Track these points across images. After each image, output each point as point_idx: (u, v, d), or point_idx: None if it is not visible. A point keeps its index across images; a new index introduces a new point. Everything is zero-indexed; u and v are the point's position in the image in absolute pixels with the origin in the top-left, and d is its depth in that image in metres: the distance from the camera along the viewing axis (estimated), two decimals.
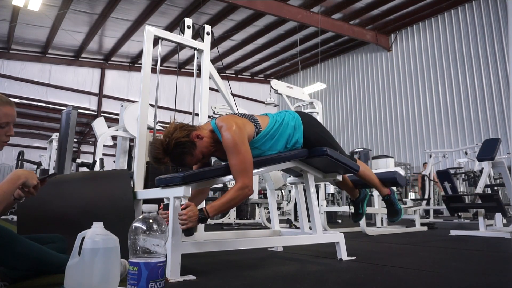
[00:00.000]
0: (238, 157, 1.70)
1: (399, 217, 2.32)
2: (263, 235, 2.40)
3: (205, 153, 1.81)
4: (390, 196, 2.35)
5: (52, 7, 9.76)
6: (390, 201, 2.36)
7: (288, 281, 1.56)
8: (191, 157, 1.76)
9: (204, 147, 1.80)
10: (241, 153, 1.70)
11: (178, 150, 1.72)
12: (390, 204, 2.36)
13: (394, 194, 2.38)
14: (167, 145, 1.70)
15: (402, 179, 2.38)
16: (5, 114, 1.35)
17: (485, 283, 1.54)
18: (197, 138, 1.77)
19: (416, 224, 4.92)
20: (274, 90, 4.49)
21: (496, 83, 10.18)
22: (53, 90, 12.67)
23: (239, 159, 1.70)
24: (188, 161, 1.77)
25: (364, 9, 11.28)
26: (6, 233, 1.31)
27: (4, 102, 1.37)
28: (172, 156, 1.73)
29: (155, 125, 2.55)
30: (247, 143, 1.76)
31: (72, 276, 1.17)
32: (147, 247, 1.26)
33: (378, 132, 12.89)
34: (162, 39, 2.53)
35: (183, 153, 1.73)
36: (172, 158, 1.74)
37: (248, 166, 1.71)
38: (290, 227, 5.03)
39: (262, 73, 16.67)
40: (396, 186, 2.41)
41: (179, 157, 1.74)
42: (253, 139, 1.87)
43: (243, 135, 1.76)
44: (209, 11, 10.71)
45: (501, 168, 4.21)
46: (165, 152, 1.71)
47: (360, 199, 2.44)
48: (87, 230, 1.22)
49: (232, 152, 1.71)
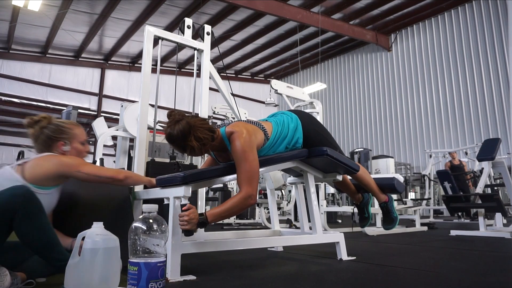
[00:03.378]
0: (245, 165, 1.68)
1: (394, 226, 2.29)
2: (263, 235, 2.40)
3: (200, 153, 1.80)
4: (386, 204, 2.32)
5: (52, 7, 9.76)
6: (386, 209, 2.33)
7: (288, 281, 1.56)
8: (191, 151, 1.73)
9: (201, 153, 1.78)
10: (248, 160, 1.69)
11: (185, 147, 1.69)
12: (386, 211, 2.33)
13: (392, 202, 2.34)
14: (189, 130, 1.66)
15: (400, 185, 2.37)
16: (82, 134, 1.78)
17: (485, 283, 1.54)
18: (202, 148, 1.75)
19: (416, 224, 4.91)
20: (274, 90, 4.50)
21: (496, 83, 10.18)
22: (53, 90, 12.67)
23: (246, 167, 1.68)
24: (186, 153, 1.75)
25: (364, 9, 11.27)
26: (39, 203, 1.39)
27: (78, 125, 1.79)
28: (178, 139, 1.69)
29: (155, 125, 2.55)
30: (255, 151, 1.75)
31: (72, 276, 1.17)
32: (147, 247, 1.26)
33: (378, 132, 12.89)
34: (162, 39, 2.53)
35: (186, 150, 1.71)
36: (178, 141, 1.70)
37: (254, 175, 1.69)
38: (290, 227, 5.03)
39: (262, 73, 16.67)
40: (394, 192, 2.39)
41: (183, 149, 1.71)
42: (262, 147, 1.86)
43: (253, 143, 1.74)
44: (209, 11, 10.71)
45: (501, 168, 4.21)
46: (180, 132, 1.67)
47: (364, 203, 2.42)
48: (87, 230, 1.22)
49: (240, 159, 1.69)
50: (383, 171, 6.22)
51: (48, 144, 1.68)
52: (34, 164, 1.55)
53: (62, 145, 1.70)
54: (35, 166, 1.55)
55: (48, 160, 1.59)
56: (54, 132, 1.69)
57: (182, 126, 1.65)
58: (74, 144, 1.73)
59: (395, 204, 2.55)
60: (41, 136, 1.68)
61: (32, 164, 1.56)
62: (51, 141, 1.68)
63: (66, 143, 1.71)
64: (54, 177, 1.57)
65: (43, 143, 1.68)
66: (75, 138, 1.74)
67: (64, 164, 1.59)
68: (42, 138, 1.68)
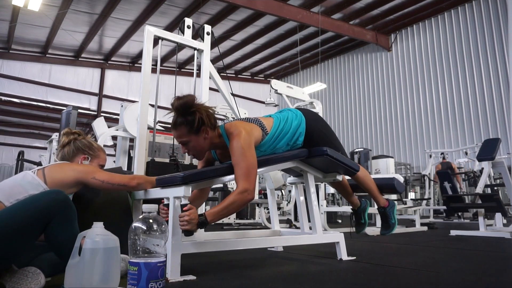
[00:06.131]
0: (242, 161, 1.69)
1: (390, 232, 2.26)
2: (263, 235, 2.40)
3: (198, 149, 1.80)
4: (385, 209, 2.27)
5: (52, 7, 9.76)
6: (384, 214, 2.28)
7: (288, 281, 1.56)
8: (194, 136, 1.75)
9: (203, 144, 1.79)
10: (246, 157, 1.69)
11: (193, 117, 1.73)
12: (385, 216, 2.29)
13: (392, 208, 2.28)
14: (189, 106, 1.72)
15: (400, 186, 2.36)
16: (105, 159, 1.91)
17: (485, 283, 1.54)
18: (206, 133, 1.77)
19: (416, 224, 4.92)
20: (274, 90, 4.49)
21: (496, 83, 10.17)
22: (53, 90, 12.66)
23: (244, 163, 1.68)
24: (188, 137, 1.75)
25: (364, 9, 11.26)
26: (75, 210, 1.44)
27: (105, 152, 1.93)
28: (184, 117, 1.73)
29: (155, 125, 2.55)
30: (253, 148, 1.76)
31: (72, 276, 1.17)
32: (147, 247, 1.26)
33: (378, 132, 12.88)
34: (162, 39, 2.53)
35: (192, 123, 1.73)
36: (182, 120, 1.73)
37: (251, 171, 1.69)
38: (290, 227, 5.03)
39: (262, 73, 16.66)
40: (394, 193, 2.38)
41: (188, 123, 1.73)
42: (260, 142, 1.88)
43: (251, 141, 1.76)
44: (209, 11, 10.70)
45: (501, 168, 4.21)
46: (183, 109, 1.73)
47: (362, 209, 2.38)
48: (87, 230, 1.22)
49: (238, 157, 1.70)
50: (383, 171, 6.23)
51: (73, 153, 1.80)
52: (53, 170, 1.59)
53: (84, 159, 1.81)
54: (55, 172, 1.58)
55: (67, 167, 1.64)
56: (83, 146, 1.83)
57: (188, 97, 1.74)
58: (94, 163, 1.84)
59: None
60: (71, 145, 1.81)
61: (52, 169, 1.59)
62: (77, 152, 1.81)
63: (88, 159, 1.82)
64: (72, 183, 1.61)
65: (69, 151, 1.80)
66: (98, 159, 1.87)
67: (81, 170, 1.64)
68: (71, 147, 1.81)
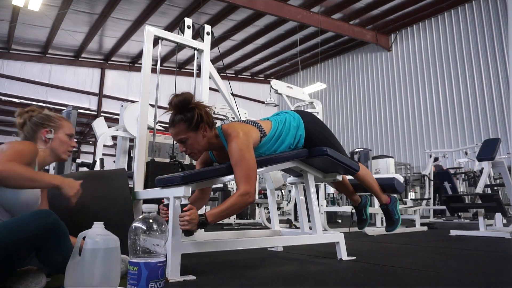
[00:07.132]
0: (242, 163, 1.69)
1: (395, 228, 2.26)
2: (263, 235, 2.40)
3: (196, 147, 1.79)
4: (387, 206, 2.29)
5: (52, 7, 9.76)
6: (387, 211, 2.30)
7: (288, 281, 1.56)
8: (193, 132, 1.74)
9: (202, 142, 1.78)
10: (245, 159, 1.69)
11: (192, 113, 1.72)
12: (387, 213, 2.30)
13: (395, 203, 2.29)
14: (187, 102, 1.72)
15: (400, 186, 2.36)
16: (70, 127, 1.72)
17: (485, 283, 1.54)
18: (205, 130, 1.77)
19: (416, 224, 4.91)
20: (274, 90, 4.50)
21: (496, 83, 10.18)
22: (53, 90, 12.66)
23: (243, 165, 1.68)
24: (187, 134, 1.74)
25: (364, 9, 11.27)
26: (65, 228, 1.37)
27: (68, 120, 1.75)
28: (182, 114, 1.73)
29: (155, 125, 2.55)
30: (252, 150, 1.76)
31: (72, 276, 1.17)
32: (147, 247, 1.26)
33: (378, 132, 12.88)
34: (162, 39, 2.53)
35: (191, 119, 1.72)
36: (180, 115, 1.73)
37: (252, 173, 1.70)
38: (290, 227, 5.03)
39: (262, 73, 16.66)
40: (395, 193, 2.38)
41: (187, 119, 1.73)
42: (258, 144, 1.88)
43: (249, 142, 1.76)
44: (209, 11, 10.70)
45: (501, 168, 4.21)
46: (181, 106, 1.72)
47: (362, 205, 2.40)
48: (87, 230, 1.22)
49: (237, 159, 1.70)
50: (383, 171, 6.22)
51: (33, 130, 1.62)
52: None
53: (47, 132, 1.63)
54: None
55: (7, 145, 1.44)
56: (41, 119, 1.64)
57: (186, 94, 1.74)
58: (59, 134, 1.66)
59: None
60: (28, 123, 1.62)
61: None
62: (37, 128, 1.62)
63: (51, 131, 1.64)
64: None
65: (28, 130, 1.62)
66: (62, 129, 1.68)
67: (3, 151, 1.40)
68: (29, 125, 1.62)
